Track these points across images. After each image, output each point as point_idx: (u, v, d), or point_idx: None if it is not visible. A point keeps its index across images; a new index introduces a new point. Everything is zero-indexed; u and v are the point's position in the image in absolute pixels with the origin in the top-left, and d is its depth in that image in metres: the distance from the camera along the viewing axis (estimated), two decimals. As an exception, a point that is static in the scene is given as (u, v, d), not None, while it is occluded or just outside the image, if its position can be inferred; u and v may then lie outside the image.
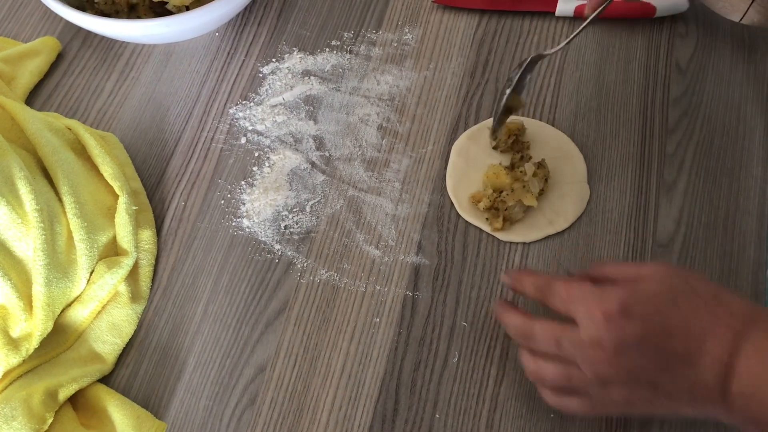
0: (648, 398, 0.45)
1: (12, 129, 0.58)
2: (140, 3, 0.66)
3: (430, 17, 0.70)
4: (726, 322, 0.44)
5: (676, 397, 0.45)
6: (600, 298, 0.45)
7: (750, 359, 0.42)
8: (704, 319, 0.44)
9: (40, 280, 0.52)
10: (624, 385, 0.45)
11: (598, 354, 0.45)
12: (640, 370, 0.44)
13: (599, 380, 0.46)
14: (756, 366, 0.42)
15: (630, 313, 0.44)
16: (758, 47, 0.69)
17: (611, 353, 0.44)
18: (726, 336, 0.43)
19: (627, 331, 0.44)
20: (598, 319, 0.44)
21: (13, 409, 0.49)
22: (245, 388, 0.55)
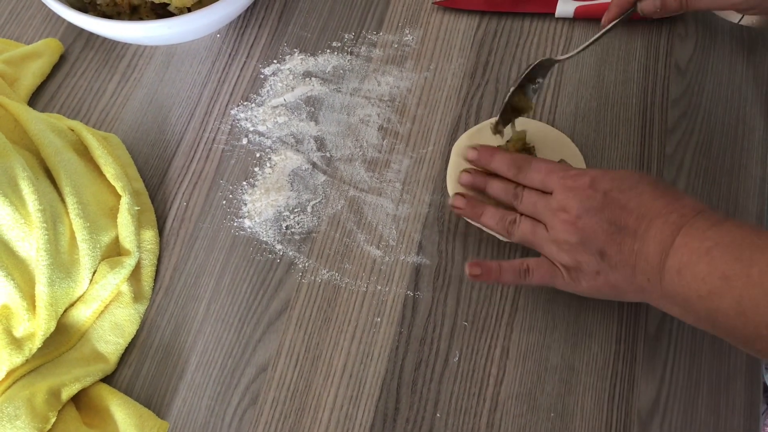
0: (594, 266, 0.52)
1: (15, 130, 0.58)
2: (142, 5, 0.66)
3: (430, 18, 0.71)
4: (676, 208, 0.49)
5: (619, 267, 0.51)
6: (575, 175, 0.54)
7: (686, 237, 0.48)
8: (659, 204, 0.50)
9: (43, 280, 0.52)
10: (576, 248, 0.52)
11: (562, 216, 0.52)
12: (593, 235, 0.51)
13: (557, 240, 0.53)
14: (689, 243, 0.47)
15: (596, 186, 0.52)
16: (757, 48, 0.70)
17: (574, 217, 0.52)
18: (673, 219, 0.49)
19: (590, 200, 0.51)
20: (569, 189, 0.53)
21: (16, 408, 0.49)
22: (247, 387, 0.55)
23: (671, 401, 0.55)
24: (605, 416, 0.54)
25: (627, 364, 0.56)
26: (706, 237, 0.46)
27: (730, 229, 0.47)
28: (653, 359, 0.56)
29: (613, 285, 0.52)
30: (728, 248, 0.45)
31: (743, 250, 0.45)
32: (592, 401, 0.55)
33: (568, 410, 0.55)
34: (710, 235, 0.46)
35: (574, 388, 0.55)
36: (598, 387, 0.55)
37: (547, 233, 0.54)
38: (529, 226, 0.55)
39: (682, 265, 0.47)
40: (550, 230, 0.53)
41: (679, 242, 0.48)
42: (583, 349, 0.56)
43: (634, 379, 0.56)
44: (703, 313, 0.47)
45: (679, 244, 0.48)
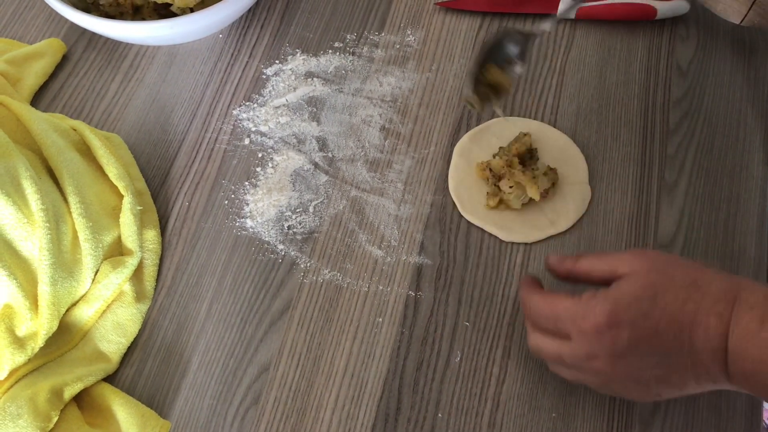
0: (654, 390, 0.47)
1: (18, 130, 0.58)
2: (145, 5, 0.67)
3: (432, 19, 0.71)
4: (708, 308, 0.44)
5: (680, 384, 0.46)
6: (585, 314, 0.46)
7: (742, 342, 0.43)
8: (688, 309, 0.45)
9: (45, 279, 0.52)
10: (628, 385, 0.47)
11: (596, 365, 0.47)
12: (639, 372, 0.46)
13: (606, 383, 0.48)
14: (748, 348, 0.43)
15: (617, 322, 0.45)
16: (759, 49, 0.70)
17: (608, 363, 0.46)
18: (712, 322, 0.44)
19: (618, 340, 0.45)
20: (590, 334, 0.46)
21: (19, 407, 0.49)
22: (249, 387, 0.55)
23: (672, 401, 0.55)
24: (607, 416, 0.54)
25: (628, 365, 0.56)
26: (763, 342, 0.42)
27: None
28: (655, 360, 0.56)
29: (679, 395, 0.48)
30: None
31: None
32: (594, 401, 0.55)
33: (570, 410, 0.55)
34: (765, 338, 0.42)
35: (576, 388, 0.55)
36: (599, 387, 0.55)
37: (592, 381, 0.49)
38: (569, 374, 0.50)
39: (749, 375, 0.43)
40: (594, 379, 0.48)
41: (735, 350, 0.43)
42: (585, 350, 0.56)
43: (635, 380, 0.56)
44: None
45: (734, 352, 0.43)
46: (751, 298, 0.44)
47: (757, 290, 0.44)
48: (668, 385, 0.46)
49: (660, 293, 0.45)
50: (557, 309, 0.48)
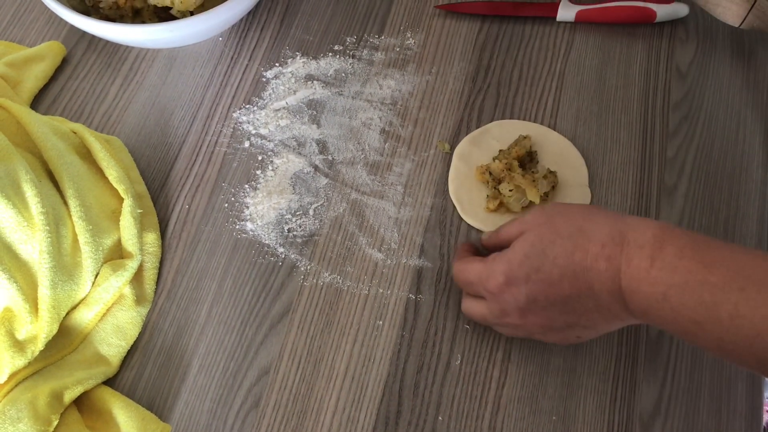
0: (572, 334, 0.51)
1: (18, 133, 0.58)
2: (145, 8, 0.67)
3: (432, 22, 0.71)
4: (596, 253, 0.46)
5: (592, 325, 0.50)
6: (488, 276, 0.50)
7: (631, 282, 0.45)
8: (577, 258, 0.47)
9: (45, 282, 0.52)
10: (547, 333, 0.51)
11: (510, 320, 0.51)
12: (550, 321, 0.50)
13: (530, 334, 0.53)
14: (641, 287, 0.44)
15: (514, 280, 0.49)
16: (758, 52, 0.70)
17: (518, 317, 0.50)
18: (603, 266, 0.46)
19: (519, 297, 0.49)
20: (496, 294, 0.50)
21: (19, 410, 0.49)
22: (249, 390, 0.55)
23: (673, 404, 0.55)
24: (607, 419, 0.55)
25: (628, 367, 0.56)
26: (653, 280, 0.44)
27: (673, 263, 0.43)
28: (654, 362, 0.56)
29: (597, 334, 0.52)
30: (685, 291, 0.43)
31: (701, 291, 0.42)
32: (594, 404, 0.55)
33: (570, 413, 0.55)
34: (656, 276, 0.44)
35: (576, 390, 0.55)
36: (599, 390, 0.55)
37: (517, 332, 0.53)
38: (506, 330, 0.54)
39: (644, 310, 0.45)
40: (517, 331, 0.53)
41: (628, 289, 0.45)
42: (585, 352, 0.57)
43: (635, 382, 0.56)
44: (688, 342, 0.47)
45: (628, 291, 0.45)
46: (639, 238, 0.45)
47: (646, 229, 0.45)
48: (581, 327, 0.50)
49: (547, 246, 0.48)
50: (469, 274, 0.53)
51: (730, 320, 0.41)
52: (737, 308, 0.41)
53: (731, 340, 0.42)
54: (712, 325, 0.42)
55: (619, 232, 0.46)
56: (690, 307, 0.43)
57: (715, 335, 0.42)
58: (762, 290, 0.41)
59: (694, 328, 0.43)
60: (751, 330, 0.41)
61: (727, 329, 0.41)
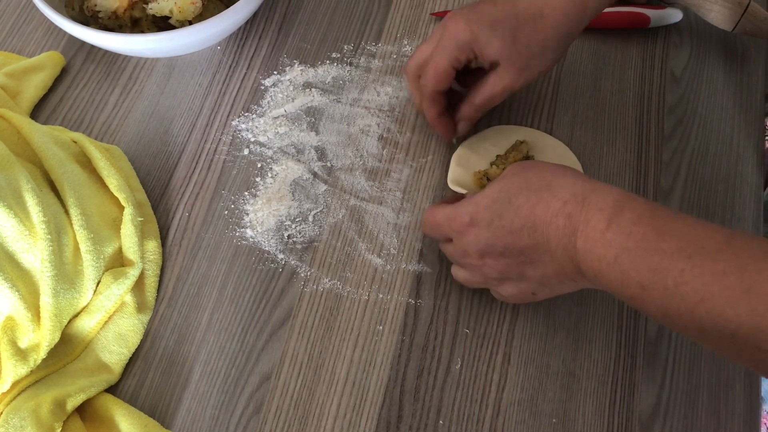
0: (527, 288, 0.52)
1: (18, 142, 0.58)
2: (143, 17, 0.67)
3: (428, 29, 0.71)
4: (558, 209, 0.47)
5: (546, 281, 0.50)
6: (455, 216, 0.52)
7: (585, 242, 0.46)
8: (539, 211, 0.48)
9: (47, 291, 0.52)
10: (502, 281, 0.53)
11: (469, 261, 0.53)
12: (505, 268, 0.51)
13: (485, 281, 0.54)
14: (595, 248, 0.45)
15: (476, 222, 0.51)
16: (751, 56, 0.71)
17: (477, 259, 0.52)
18: (562, 222, 0.47)
19: (479, 238, 0.51)
20: (459, 233, 0.52)
21: (22, 419, 0.49)
22: (251, 396, 0.56)
23: (671, 406, 0.56)
24: (606, 421, 0.55)
25: (627, 370, 0.57)
26: (607, 242, 0.45)
27: (628, 227, 0.44)
28: (653, 364, 0.57)
29: (552, 293, 0.52)
30: (636, 255, 0.43)
31: (652, 256, 0.43)
32: (593, 406, 0.55)
33: (570, 416, 0.55)
34: (610, 238, 0.44)
35: (576, 393, 0.56)
36: (599, 392, 0.56)
37: (474, 277, 0.54)
38: (462, 274, 0.56)
39: (595, 272, 0.46)
40: (474, 274, 0.54)
41: (581, 248, 0.46)
42: (584, 355, 0.57)
43: (634, 385, 0.56)
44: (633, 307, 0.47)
45: (582, 250, 0.46)
46: (600, 201, 0.46)
47: (608, 194, 0.46)
48: (536, 283, 0.51)
49: (514, 195, 0.49)
50: (437, 216, 0.54)
51: (674, 287, 0.42)
52: (683, 275, 0.41)
53: (675, 306, 0.42)
54: (658, 290, 0.43)
55: (583, 192, 0.47)
56: (639, 272, 0.43)
57: (660, 301, 0.43)
58: (709, 259, 0.41)
59: (641, 293, 0.43)
60: (694, 296, 0.41)
61: (672, 295, 0.42)
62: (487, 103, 0.59)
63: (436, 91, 0.59)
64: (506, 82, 0.57)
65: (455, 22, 0.56)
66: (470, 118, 0.61)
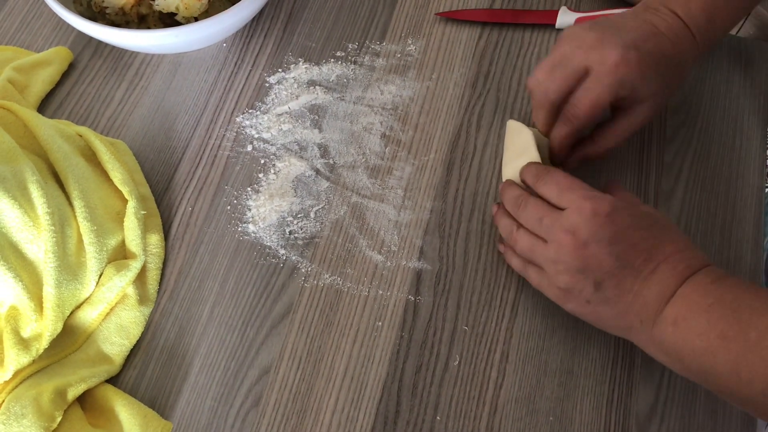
0: (587, 294, 0.50)
1: (25, 135, 0.59)
2: (150, 14, 0.68)
3: (432, 29, 0.72)
4: (685, 257, 0.49)
5: (612, 303, 0.50)
6: (594, 197, 0.50)
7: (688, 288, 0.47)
8: (669, 250, 0.49)
9: (50, 281, 0.53)
10: (573, 273, 0.50)
11: (568, 239, 0.50)
12: (596, 265, 0.49)
13: (556, 260, 0.51)
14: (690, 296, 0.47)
15: (614, 218, 0.49)
16: (754, 59, 0.71)
17: (580, 243, 0.49)
18: (681, 268, 0.48)
19: (603, 230, 0.49)
20: (586, 212, 0.49)
21: (23, 407, 0.50)
22: (250, 389, 0.56)
23: (669, 405, 0.56)
24: (603, 420, 0.55)
25: (625, 369, 0.57)
26: (708, 292, 0.46)
27: (731, 286, 0.46)
28: (651, 364, 0.57)
29: (600, 317, 0.51)
30: (729, 307, 0.45)
31: (743, 310, 0.44)
32: (591, 405, 0.55)
33: (567, 414, 0.55)
34: (712, 290, 0.46)
35: (573, 392, 0.56)
36: (596, 391, 0.56)
37: (546, 250, 0.51)
38: (528, 241, 0.53)
39: (679, 317, 0.46)
40: (550, 248, 0.51)
41: (681, 293, 0.47)
42: (582, 354, 0.57)
43: (632, 384, 0.56)
44: (695, 367, 0.46)
45: (680, 294, 0.47)
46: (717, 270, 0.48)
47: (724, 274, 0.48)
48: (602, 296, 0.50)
49: (659, 226, 0.50)
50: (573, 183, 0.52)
51: (756, 341, 0.43)
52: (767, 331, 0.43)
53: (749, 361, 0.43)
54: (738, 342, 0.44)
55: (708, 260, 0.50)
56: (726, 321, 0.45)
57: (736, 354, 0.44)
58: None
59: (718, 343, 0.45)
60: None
61: (750, 349, 0.43)
62: (621, 144, 0.59)
63: (585, 126, 0.57)
64: (646, 121, 0.57)
65: (619, 55, 0.52)
66: (587, 159, 0.61)
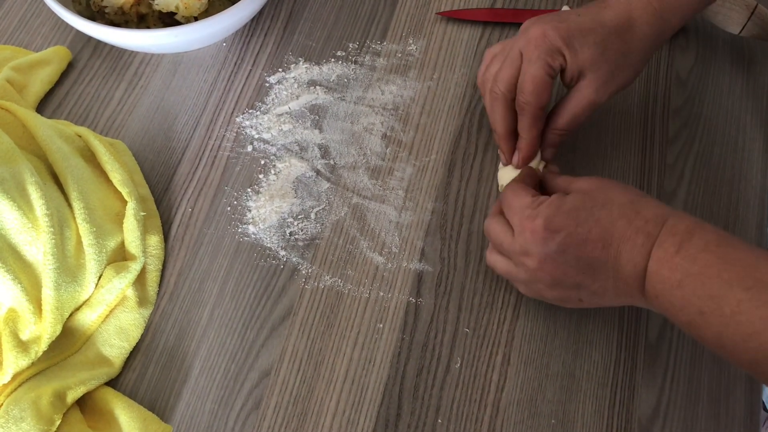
0: (576, 296, 0.52)
1: (23, 136, 0.59)
2: (149, 13, 0.67)
3: (433, 29, 0.71)
4: (639, 227, 0.48)
5: (600, 293, 0.50)
6: (530, 215, 0.51)
7: (655, 263, 0.47)
8: (619, 225, 0.48)
9: (49, 283, 0.52)
10: (552, 287, 0.52)
11: (527, 261, 0.51)
12: (563, 276, 0.50)
13: (531, 281, 0.53)
14: (662, 269, 0.46)
15: (552, 227, 0.49)
16: (757, 59, 0.70)
17: (537, 262, 0.50)
18: (640, 240, 0.47)
19: (549, 244, 0.49)
20: (527, 233, 0.51)
21: (22, 410, 0.50)
22: (250, 392, 0.56)
23: (671, 409, 0.55)
24: (605, 423, 0.55)
25: (627, 372, 0.56)
26: (675, 266, 0.45)
27: (695, 254, 0.45)
28: (653, 367, 0.57)
29: (600, 304, 0.52)
30: (698, 281, 0.44)
31: (713, 284, 0.44)
32: (593, 408, 0.55)
33: (569, 417, 0.55)
34: (678, 263, 0.45)
35: (575, 395, 0.56)
36: (598, 394, 0.56)
37: (520, 273, 0.53)
38: (503, 266, 0.55)
39: (657, 294, 0.47)
40: (521, 270, 0.52)
41: (651, 269, 0.47)
42: (584, 357, 0.57)
43: (634, 387, 0.56)
44: (689, 334, 0.47)
45: (651, 271, 0.47)
46: (675, 226, 0.47)
47: (683, 219, 0.48)
48: (589, 292, 0.51)
49: (597, 207, 0.49)
50: (513, 202, 0.53)
51: (731, 315, 0.43)
52: (740, 305, 0.43)
53: (730, 335, 0.43)
54: (715, 318, 0.44)
55: (663, 214, 0.48)
56: (699, 297, 0.44)
57: (716, 329, 0.44)
58: (765, 292, 0.42)
59: (699, 319, 0.44)
60: (748, 327, 0.42)
61: (727, 324, 0.43)
62: (572, 122, 0.57)
63: (539, 108, 0.56)
64: (592, 95, 0.55)
65: (540, 28, 0.54)
66: (556, 145, 0.59)
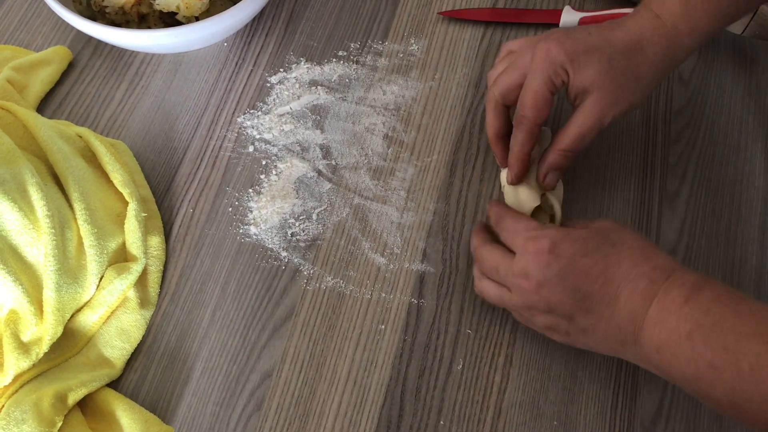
0: (565, 328, 0.51)
1: (24, 136, 0.59)
2: (150, 13, 0.67)
3: (435, 29, 0.71)
4: (644, 271, 0.47)
5: (589, 331, 0.49)
6: (536, 236, 0.50)
7: (660, 311, 0.45)
8: (624, 266, 0.48)
9: (50, 285, 0.52)
10: (545, 313, 0.51)
11: (524, 284, 0.50)
12: (558, 303, 0.49)
13: (524, 306, 0.51)
14: (667, 318, 0.45)
15: (557, 251, 0.49)
16: (759, 59, 0.70)
17: (535, 285, 0.49)
18: (643, 285, 0.47)
19: (551, 267, 0.49)
20: (530, 254, 0.50)
21: (23, 412, 0.50)
22: (252, 393, 0.56)
23: (674, 410, 0.55)
24: (608, 425, 0.55)
25: (630, 373, 0.56)
26: (684, 315, 0.44)
27: (707, 305, 0.44)
28: (656, 368, 0.57)
29: (586, 344, 0.51)
30: (711, 333, 0.43)
31: (727, 336, 0.42)
32: (595, 410, 0.55)
33: (571, 419, 0.55)
34: (687, 312, 0.44)
35: (577, 396, 0.55)
36: (601, 396, 0.56)
37: (512, 298, 0.52)
38: (494, 292, 0.54)
39: (661, 344, 0.45)
40: (514, 296, 0.51)
41: (654, 316, 0.45)
42: (586, 358, 0.57)
43: (636, 388, 0.56)
44: (691, 391, 0.46)
45: (653, 318, 0.45)
46: (683, 277, 0.46)
47: (691, 272, 0.47)
48: (578, 327, 0.50)
49: (607, 244, 0.49)
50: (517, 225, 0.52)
51: (749, 371, 0.41)
52: (759, 359, 0.41)
53: (747, 392, 0.41)
54: (730, 372, 0.42)
55: (671, 266, 0.47)
56: (712, 350, 0.43)
57: (730, 384, 0.42)
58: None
59: (710, 373, 0.43)
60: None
61: (745, 380, 0.41)
62: (577, 142, 0.55)
63: (536, 124, 0.55)
64: (597, 114, 0.53)
65: (546, 44, 0.53)
66: (559, 167, 0.56)
